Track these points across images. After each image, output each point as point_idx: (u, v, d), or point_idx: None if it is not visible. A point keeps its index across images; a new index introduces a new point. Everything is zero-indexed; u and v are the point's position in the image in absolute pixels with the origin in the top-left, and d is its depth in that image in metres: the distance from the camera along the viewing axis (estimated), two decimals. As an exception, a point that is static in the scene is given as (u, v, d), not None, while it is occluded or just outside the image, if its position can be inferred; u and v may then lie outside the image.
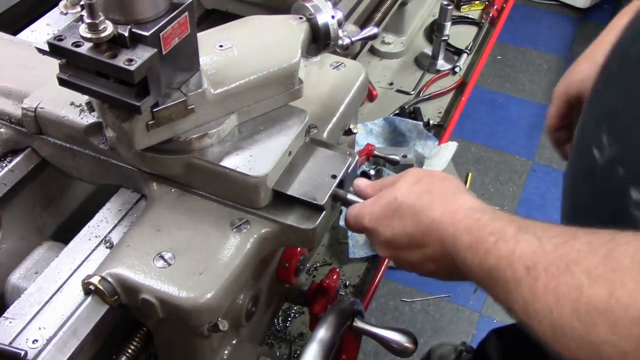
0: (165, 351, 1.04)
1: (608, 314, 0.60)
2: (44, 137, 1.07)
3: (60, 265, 0.98)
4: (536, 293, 0.66)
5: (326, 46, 1.09)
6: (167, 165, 0.98)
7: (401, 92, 2.41)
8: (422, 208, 0.85)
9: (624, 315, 0.59)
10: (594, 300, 0.61)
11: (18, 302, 0.94)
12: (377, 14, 1.98)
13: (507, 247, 0.71)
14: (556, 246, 0.67)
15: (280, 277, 1.16)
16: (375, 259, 1.82)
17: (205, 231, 0.95)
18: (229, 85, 0.97)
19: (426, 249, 0.85)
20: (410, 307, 2.65)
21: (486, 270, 0.73)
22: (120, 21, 0.84)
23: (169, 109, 0.92)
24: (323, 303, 1.28)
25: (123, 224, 1.03)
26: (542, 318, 0.65)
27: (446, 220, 0.82)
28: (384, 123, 2.22)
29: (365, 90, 1.27)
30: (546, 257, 0.67)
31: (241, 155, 0.97)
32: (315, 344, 1.00)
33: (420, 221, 0.85)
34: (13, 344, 0.88)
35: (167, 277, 0.89)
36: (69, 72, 0.87)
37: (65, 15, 1.47)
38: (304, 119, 1.03)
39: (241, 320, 0.99)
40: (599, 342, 0.60)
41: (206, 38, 0.99)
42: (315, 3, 1.07)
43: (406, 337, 1.05)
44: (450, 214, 0.82)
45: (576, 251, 0.65)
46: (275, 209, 0.98)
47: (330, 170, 1.01)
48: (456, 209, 0.82)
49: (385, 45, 2.52)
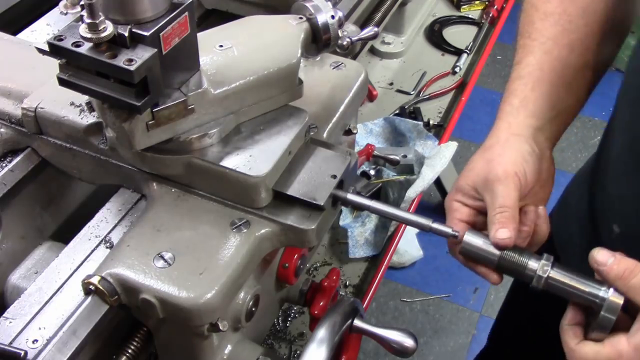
0: (165, 351, 1.04)
1: None
2: (44, 137, 1.07)
3: (60, 265, 0.98)
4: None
5: (326, 46, 1.09)
6: (167, 165, 0.98)
7: (401, 92, 2.41)
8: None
9: None
10: None
11: (18, 302, 0.94)
12: (377, 14, 1.98)
13: None
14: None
15: (280, 277, 1.16)
16: (375, 259, 1.82)
17: (205, 231, 0.95)
18: (229, 85, 0.97)
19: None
20: (410, 307, 2.65)
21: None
22: (120, 21, 0.84)
23: (169, 109, 0.92)
24: (323, 303, 1.28)
25: (123, 224, 1.03)
26: None
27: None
28: (384, 123, 2.22)
29: (365, 90, 1.27)
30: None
31: (241, 155, 0.97)
32: (315, 344, 1.00)
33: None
34: (13, 344, 0.88)
35: (167, 277, 0.89)
36: (69, 72, 0.87)
37: (65, 15, 1.47)
38: (304, 119, 1.03)
39: (241, 320, 0.99)
40: None
41: (206, 38, 0.99)
42: (315, 3, 1.07)
43: (406, 337, 1.05)
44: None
45: None
46: (275, 209, 0.98)
47: (330, 170, 1.01)
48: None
49: (385, 45, 2.52)
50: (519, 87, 1.00)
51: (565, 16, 1.02)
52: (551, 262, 0.89)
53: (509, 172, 0.91)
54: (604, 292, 0.85)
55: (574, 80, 1.01)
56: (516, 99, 0.99)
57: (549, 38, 1.02)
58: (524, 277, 0.91)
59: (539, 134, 0.98)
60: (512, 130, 0.97)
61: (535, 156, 0.95)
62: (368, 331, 1.08)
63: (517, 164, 0.92)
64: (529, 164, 0.94)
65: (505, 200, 0.90)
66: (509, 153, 0.93)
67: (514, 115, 0.98)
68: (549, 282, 0.89)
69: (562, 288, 0.88)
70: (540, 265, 0.89)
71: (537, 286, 0.90)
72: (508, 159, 0.93)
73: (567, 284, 0.87)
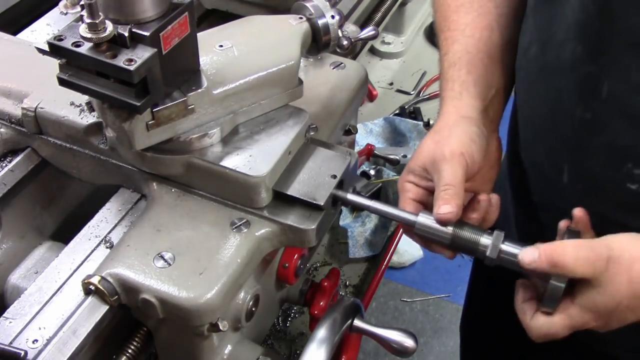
0: (165, 351, 1.04)
1: None
2: (44, 137, 1.07)
3: (60, 265, 0.98)
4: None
5: (326, 46, 1.09)
6: (167, 165, 0.98)
7: (401, 92, 2.41)
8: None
9: None
10: None
11: (18, 302, 0.94)
12: (377, 14, 1.98)
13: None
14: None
15: (280, 277, 1.16)
16: (375, 259, 1.83)
17: (205, 231, 0.95)
18: (229, 85, 0.97)
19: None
20: (410, 307, 2.65)
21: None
22: (120, 21, 0.84)
23: (169, 109, 0.92)
24: (323, 303, 1.29)
25: (123, 224, 1.03)
26: None
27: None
28: (384, 123, 2.22)
29: (365, 90, 1.27)
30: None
31: (241, 155, 0.97)
32: (315, 344, 1.00)
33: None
34: (13, 344, 0.88)
35: (167, 277, 0.89)
36: (69, 72, 0.87)
37: (65, 15, 1.47)
38: (304, 119, 1.03)
39: (241, 320, 0.99)
40: None
41: (206, 38, 0.99)
42: (315, 3, 1.07)
43: (406, 337, 1.05)
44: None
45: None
46: (275, 209, 0.98)
47: (330, 170, 1.01)
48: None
49: (385, 45, 2.53)
50: (455, 73, 1.03)
51: (475, 3, 1.07)
52: (502, 237, 0.91)
53: (455, 152, 0.93)
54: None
55: (501, 58, 1.05)
56: (456, 84, 1.02)
57: (467, 24, 1.06)
58: (477, 253, 0.93)
59: (484, 115, 1.00)
60: (460, 112, 0.99)
61: (483, 137, 0.97)
62: (368, 331, 1.08)
63: (465, 144, 0.94)
64: (477, 144, 0.96)
65: (449, 178, 0.91)
66: (457, 134, 0.96)
67: (459, 99, 1.01)
68: (500, 257, 0.91)
69: (513, 261, 0.89)
70: (492, 241, 0.91)
71: (490, 261, 0.92)
72: (455, 140, 0.95)
73: (517, 256, 0.89)
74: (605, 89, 0.84)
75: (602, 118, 0.87)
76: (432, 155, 0.95)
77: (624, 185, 0.87)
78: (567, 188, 0.96)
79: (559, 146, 0.96)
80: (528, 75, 1.01)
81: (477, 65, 1.03)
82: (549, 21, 0.93)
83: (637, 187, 0.86)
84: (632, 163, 0.86)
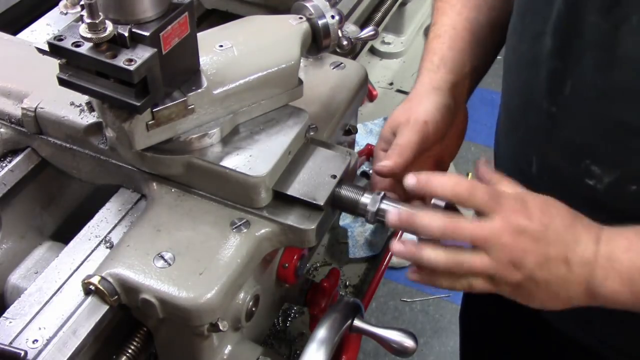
0: (165, 351, 1.04)
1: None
2: (44, 137, 1.07)
3: (60, 265, 0.98)
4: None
5: (326, 46, 1.09)
6: (167, 165, 0.98)
7: (401, 92, 2.41)
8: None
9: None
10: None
11: (18, 302, 0.94)
12: (377, 14, 1.98)
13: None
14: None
15: (280, 277, 1.16)
16: (375, 259, 1.82)
17: (205, 231, 0.95)
18: (229, 85, 0.97)
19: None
20: (410, 307, 2.65)
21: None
22: (120, 21, 0.84)
23: (169, 109, 0.92)
24: (323, 303, 1.28)
25: (123, 224, 1.03)
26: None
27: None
28: (384, 123, 2.22)
29: (365, 90, 1.27)
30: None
31: (241, 155, 0.97)
32: (315, 344, 1.00)
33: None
34: (13, 344, 0.88)
35: (167, 277, 0.89)
36: (69, 72, 0.87)
37: (65, 15, 1.47)
38: (304, 119, 1.03)
39: (241, 320, 0.99)
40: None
41: (206, 38, 0.99)
42: (315, 3, 1.07)
43: (406, 337, 1.04)
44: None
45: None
46: (275, 209, 0.98)
47: (330, 170, 1.01)
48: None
49: (385, 45, 2.52)
50: (437, 45, 1.10)
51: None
52: (381, 196, 0.96)
53: (419, 120, 0.99)
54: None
55: (483, 39, 1.10)
56: (436, 57, 1.09)
57: (458, 1, 1.13)
58: (356, 212, 0.99)
59: (456, 88, 1.07)
60: (433, 84, 1.05)
61: (450, 109, 1.03)
62: (368, 331, 1.07)
63: (430, 113, 1.00)
64: (442, 114, 1.01)
65: (401, 140, 0.98)
66: (426, 103, 1.02)
67: (434, 72, 1.07)
68: (379, 214, 0.96)
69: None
70: (371, 200, 0.96)
71: (371, 220, 0.97)
72: (422, 109, 1.01)
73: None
74: (568, 86, 0.87)
75: (565, 113, 0.89)
76: (399, 121, 1.01)
77: (583, 180, 0.89)
78: (536, 179, 0.98)
79: (529, 137, 0.99)
80: (508, 66, 1.05)
81: (460, 43, 1.09)
82: (528, 14, 0.96)
83: (595, 183, 0.88)
84: (590, 159, 0.88)
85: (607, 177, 0.87)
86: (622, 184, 0.86)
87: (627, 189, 0.86)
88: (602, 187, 0.88)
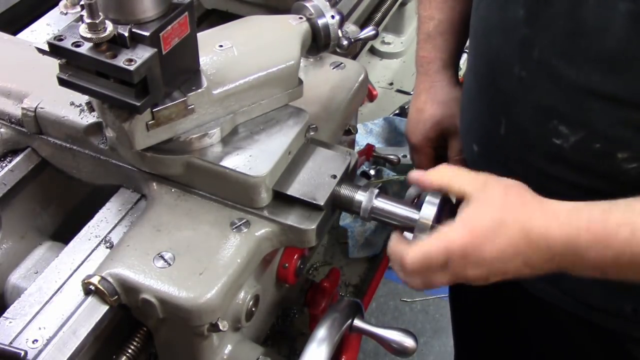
0: (165, 351, 1.04)
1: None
2: (44, 137, 1.07)
3: (60, 265, 0.98)
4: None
5: (326, 46, 1.09)
6: (167, 165, 0.98)
7: (401, 92, 2.41)
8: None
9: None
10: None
11: (18, 302, 0.94)
12: (377, 14, 1.98)
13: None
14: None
15: (280, 277, 1.16)
16: (375, 259, 1.82)
17: (205, 231, 0.95)
18: (228, 85, 0.97)
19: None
20: (410, 307, 2.65)
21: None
22: (120, 21, 0.84)
23: (169, 109, 0.92)
24: (323, 303, 1.28)
25: (123, 224, 1.03)
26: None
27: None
28: (384, 123, 2.22)
29: (365, 90, 1.27)
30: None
31: (241, 155, 0.97)
32: (315, 343, 1.00)
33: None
34: (13, 344, 0.88)
35: (167, 277, 0.89)
36: (69, 72, 0.87)
37: (65, 15, 1.47)
38: (304, 119, 1.03)
39: (241, 320, 0.99)
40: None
41: (206, 38, 0.99)
42: (315, 3, 1.07)
43: (406, 337, 1.04)
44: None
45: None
46: (275, 209, 0.98)
47: (330, 170, 1.01)
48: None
49: (385, 45, 2.53)
50: (440, 42, 1.24)
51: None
52: (375, 194, 0.99)
53: (457, 129, 1.19)
54: (417, 215, 0.93)
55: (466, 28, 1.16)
56: (441, 53, 1.25)
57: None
58: (351, 210, 1.01)
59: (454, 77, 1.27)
60: (451, 80, 1.26)
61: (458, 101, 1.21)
62: (368, 331, 1.07)
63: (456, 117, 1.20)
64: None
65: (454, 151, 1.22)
66: (454, 107, 1.21)
67: (443, 71, 1.26)
68: (374, 212, 0.99)
69: (385, 215, 0.98)
70: (366, 198, 0.99)
71: (365, 216, 0.99)
72: (456, 113, 1.20)
73: (388, 211, 0.98)
74: (536, 52, 0.92)
75: (533, 78, 0.94)
76: (442, 125, 1.21)
77: (551, 139, 0.94)
78: (504, 140, 1.03)
79: (498, 100, 1.03)
80: (476, 32, 1.09)
81: (449, 34, 1.24)
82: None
83: (562, 142, 0.93)
84: (557, 120, 0.93)
85: (573, 137, 0.92)
86: (587, 142, 0.91)
87: (592, 147, 0.91)
88: (568, 146, 0.93)
